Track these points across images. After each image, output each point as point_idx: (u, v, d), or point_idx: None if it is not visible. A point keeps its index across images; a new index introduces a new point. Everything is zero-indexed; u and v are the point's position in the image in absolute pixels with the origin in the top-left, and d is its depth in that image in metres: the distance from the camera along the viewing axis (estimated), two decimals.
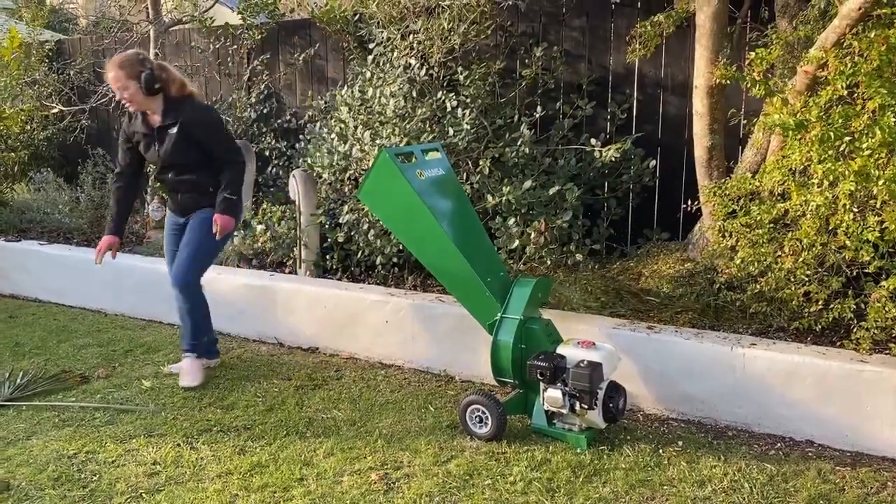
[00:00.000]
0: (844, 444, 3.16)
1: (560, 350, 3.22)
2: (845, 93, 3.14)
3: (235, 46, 6.34)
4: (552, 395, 3.14)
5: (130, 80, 3.61)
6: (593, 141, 4.59)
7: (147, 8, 6.76)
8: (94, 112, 7.12)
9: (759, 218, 3.42)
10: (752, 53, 3.40)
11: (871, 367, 3.10)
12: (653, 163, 4.61)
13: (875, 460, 3.07)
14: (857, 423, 3.13)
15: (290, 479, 2.95)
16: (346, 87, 5.38)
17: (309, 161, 5.22)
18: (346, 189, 4.97)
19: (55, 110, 7.15)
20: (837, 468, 3.00)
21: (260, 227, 5.16)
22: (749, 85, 3.42)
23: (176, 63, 6.68)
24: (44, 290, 5.57)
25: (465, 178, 4.63)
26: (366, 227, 4.69)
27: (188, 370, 3.90)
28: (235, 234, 5.37)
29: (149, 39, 6.67)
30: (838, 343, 3.37)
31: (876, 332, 3.19)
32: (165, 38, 6.68)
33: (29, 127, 7.16)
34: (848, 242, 3.15)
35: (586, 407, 3.09)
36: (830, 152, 3.08)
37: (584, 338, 3.31)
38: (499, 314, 3.32)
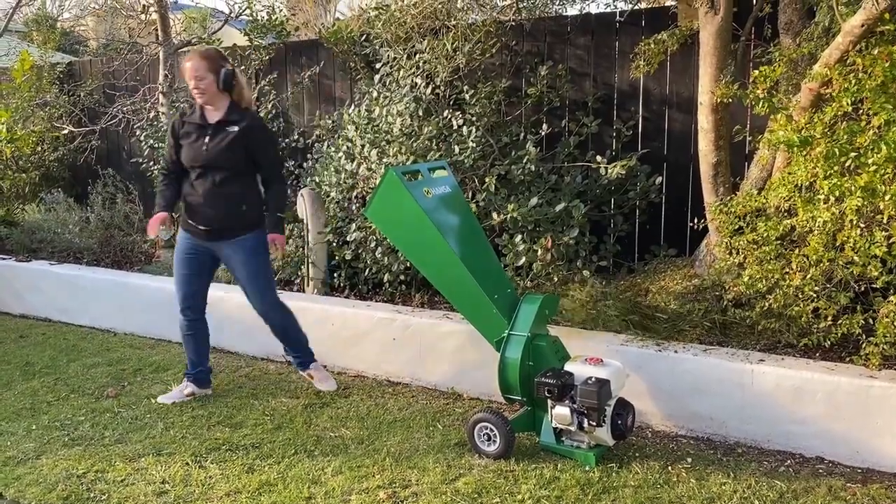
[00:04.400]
0: (855, 461, 3.14)
1: (568, 367, 3.22)
2: (850, 109, 3.16)
3: (243, 67, 6.40)
4: (560, 413, 3.14)
5: (209, 72, 3.68)
6: (599, 158, 4.61)
7: (157, 30, 6.85)
8: (104, 133, 7.19)
9: (766, 234, 3.42)
10: (756, 71, 3.42)
11: (880, 383, 3.09)
12: (659, 179, 4.63)
13: (886, 477, 3.05)
14: (868, 440, 3.11)
15: (298, 497, 2.95)
16: (353, 107, 5.43)
17: (317, 180, 5.26)
18: (354, 207, 5.00)
19: (66, 131, 7.23)
20: (848, 485, 2.98)
21: None
22: (752, 102, 3.44)
23: (184, 84, 6.75)
24: (54, 309, 5.60)
25: (471, 195, 4.66)
26: (373, 244, 4.71)
27: (321, 377, 4.06)
28: None
29: (158, 61, 6.76)
30: (847, 359, 3.36)
31: (885, 347, 3.18)
32: (175, 60, 6.76)
33: (40, 148, 7.24)
34: (856, 258, 3.15)
35: (594, 424, 3.08)
36: (836, 168, 3.09)
37: (592, 355, 3.31)
38: (506, 331, 3.32)
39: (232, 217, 3.75)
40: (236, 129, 3.69)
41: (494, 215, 4.43)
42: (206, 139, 3.70)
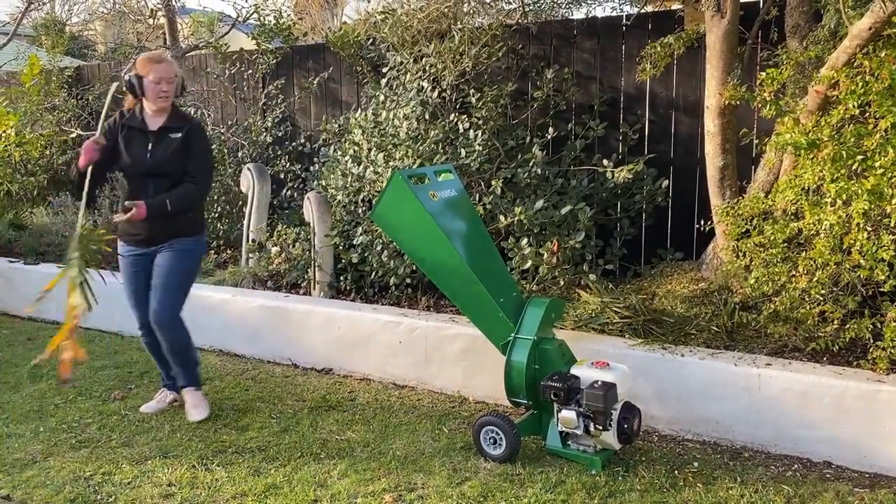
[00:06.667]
0: (863, 466, 3.13)
1: (574, 370, 3.21)
2: (857, 112, 3.15)
3: (250, 71, 6.43)
4: (566, 416, 3.13)
5: (175, 77, 3.66)
6: (605, 161, 4.60)
7: (164, 34, 6.89)
8: None
9: (772, 237, 3.41)
10: (763, 74, 3.42)
11: (888, 388, 3.08)
12: (665, 183, 4.62)
13: (894, 481, 3.03)
14: (876, 444, 3.10)
15: (304, 500, 2.95)
16: (359, 110, 5.45)
17: (323, 183, 5.28)
18: (360, 211, 5.01)
19: (74, 135, 7.27)
20: (856, 489, 2.97)
21: (275, 249, 5.21)
22: (759, 105, 3.43)
23: (192, 88, 6.79)
24: (62, 312, 5.60)
25: (477, 198, 4.66)
26: (379, 248, 4.72)
27: (196, 403, 3.76)
28: (250, 255, 5.42)
29: None
30: (855, 363, 3.34)
31: (893, 351, 3.16)
32: (182, 64, 6.79)
33: (48, 152, 7.27)
34: (862, 261, 3.14)
35: (601, 428, 3.08)
36: (843, 171, 3.09)
37: (599, 358, 3.30)
38: (512, 335, 3.32)
39: (176, 223, 3.64)
40: (180, 135, 3.62)
41: (501, 218, 4.43)
42: (150, 146, 3.62)
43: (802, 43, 3.88)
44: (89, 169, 3.57)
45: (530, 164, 4.59)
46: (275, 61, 6.28)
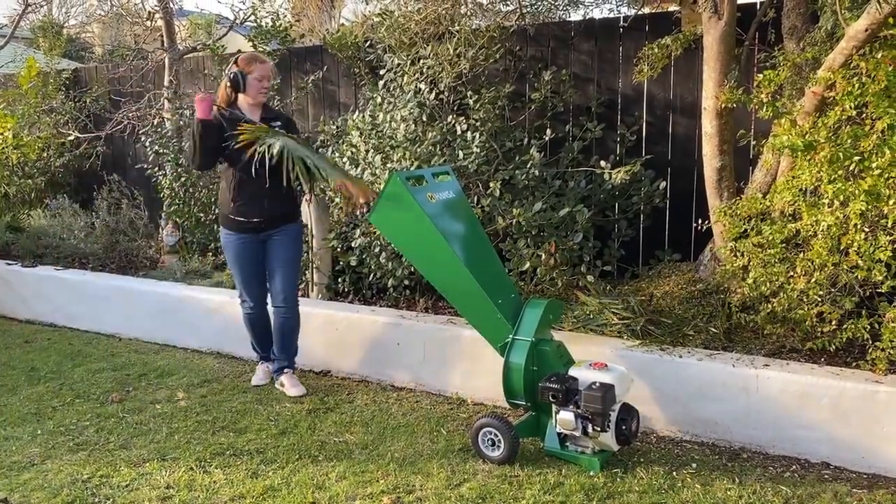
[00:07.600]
0: (861, 466, 3.13)
1: (572, 372, 3.21)
2: (854, 113, 3.16)
3: None
4: (564, 418, 3.13)
5: (272, 76, 4.10)
6: (603, 163, 4.61)
7: (162, 37, 6.88)
8: (110, 139, 7.22)
9: (770, 238, 3.42)
10: (760, 75, 3.42)
11: (886, 388, 3.08)
12: (663, 184, 4.62)
13: (892, 482, 3.04)
14: (874, 445, 3.10)
15: (302, 502, 2.95)
16: (357, 112, 5.44)
17: (321, 185, 5.27)
18: (358, 213, 5.00)
19: (71, 137, 7.26)
20: (854, 490, 2.97)
21: None
22: (756, 106, 3.44)
23: (190, 90, 6.79)
24: (60, 315, 5.62)
25: (475, 200, 4.66)
26: (377, 250, 4.72)
27: (294, 383, 4.14)
28: None
29: (163, 67, 6.78)
30: (853, 364, 3.35)
31: (891, 352, 3.17)
32: (180, 66, 6.79)
33: (46, 154, 7.27)
34: (860, 262, 3.14)
35: (599, 429, 3.08)
36: (840, 172, 3.09)
37: (597, 359, 3.31)
38: (510, 336, 3.32)
39: (288, 205, 4.05)
40: (279, 124, 4.03)
41: (499, 220, 4.43)
42: None
43: (799, 44, 3.89)
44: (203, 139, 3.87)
45: (528, 165, 4.59)
46: (272, 63, 6.27)
